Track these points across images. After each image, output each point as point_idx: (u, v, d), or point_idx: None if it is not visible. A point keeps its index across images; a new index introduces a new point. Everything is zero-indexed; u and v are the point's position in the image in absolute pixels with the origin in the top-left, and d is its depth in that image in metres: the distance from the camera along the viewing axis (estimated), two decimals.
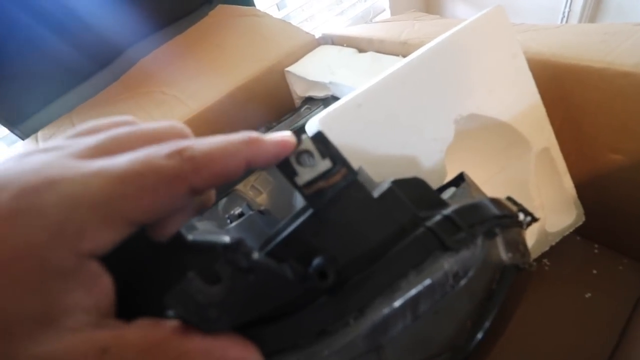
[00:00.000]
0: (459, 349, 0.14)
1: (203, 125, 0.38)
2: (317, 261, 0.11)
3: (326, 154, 0.12)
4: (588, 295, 0.29)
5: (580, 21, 0.88)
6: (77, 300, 0.09)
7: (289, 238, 0.12)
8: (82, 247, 0.09)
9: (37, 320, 0.08)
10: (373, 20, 1.13)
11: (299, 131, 0.13)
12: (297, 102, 0.45)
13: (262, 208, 0.31)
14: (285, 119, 0.39)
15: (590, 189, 0.28)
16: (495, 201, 0.15)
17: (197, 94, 0.40)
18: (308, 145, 0.12)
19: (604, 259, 0.31)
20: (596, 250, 0.32)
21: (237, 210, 0.28)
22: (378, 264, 0.12)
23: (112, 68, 0.53)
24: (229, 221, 0.26)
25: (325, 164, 0.12)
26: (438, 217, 0.13)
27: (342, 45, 0.42)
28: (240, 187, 0.34)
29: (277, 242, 0.12)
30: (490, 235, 0.13)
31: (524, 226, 0.16)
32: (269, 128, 0.38)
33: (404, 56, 0.34)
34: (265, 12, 0.51)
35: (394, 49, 0.36)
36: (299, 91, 0.44)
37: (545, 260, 0.32)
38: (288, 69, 0.42)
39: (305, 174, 0.12)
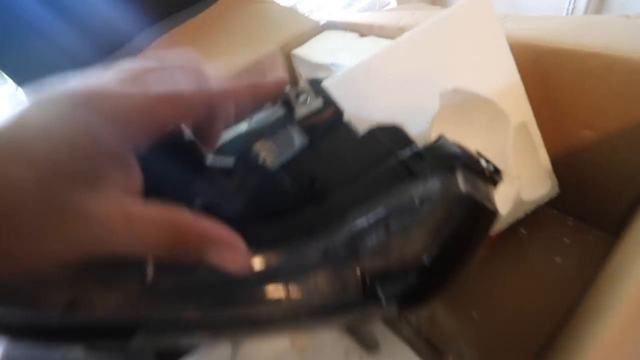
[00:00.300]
0: (418, 268, 0.17)
1: None
2: (307, 176, 0.15)
3: (319, 95, 0.15)
4: (558, 259, 0.32)
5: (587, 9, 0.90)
6: (116, 178, 0.12)
7: (288, 162, 0.15)
8: (128, 139, 0.12)
9: (87, 180, 0.11)
10: (383, 9, 1.15)
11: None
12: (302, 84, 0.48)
13: None
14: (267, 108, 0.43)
15: (565, 163, 0.31)
16: (461, 146, 0.18)
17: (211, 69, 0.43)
18: (305, 87, 0.15)
19: (576, 231, 0.34)
20: (570, 223, 0.35)
21: None
22: (357, 185, 0.16)
23: (119, 55, 0.56)
24: None
25: (317, 103, 0.15)
26: (408, 152, 0.16)
27: (345, 30, 0.45)
28: None
29: (278, 164, 0.15)
30: (451, 169, 0.17)
31: (486, 172, 0.19)
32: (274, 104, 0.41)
33: None
34: (272, 0, 0.54)
35: (392, 34, 0.39)
36: (304, 74, 0.47)
37: (522, 229, 0.35)
38: (293, 52, 0.45)
39: (301, 110, 0.15)
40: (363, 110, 0.27)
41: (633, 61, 0.24)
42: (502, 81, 0.28)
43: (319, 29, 0.47)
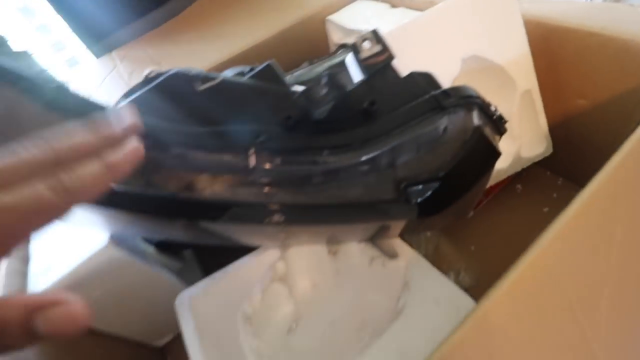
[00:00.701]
0: (436, 180, 0.23)
1: (255, 57, 0.47)
2: (369, 99, 0.20)
3: (379, 41, 0.21)
4: (546, 209, 0.38)
5: None
6: None
7: (350, 92, 0.21)
8: None
9: None
10: None
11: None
12: (332, 48, 0.53)
13: None
14: (323, 59, 0.48)
15: (559, 127, 0.37)
16: (478, 92, 0.24)
17: (252, 32, 0.48)
18: (368, 34, 0.21)
19: (563, 188, 0.40)
20: (559, 182, 0.41)
21: None
22: (399, 112, 0.21)
23: (169, 5, 0.60)
24: None
25: (377, 47, 0.21)
26: (439, 90, 0.22)
27: (377, 1, 0.49)
28: None
29: (345, 93, 0.21)
30: (469, 106, 0.22)
31: (494, 116, 0.25)
32: (311, 63, 0.46)
33: None
34: None
35: (422, 6, 0.43)
36: (336, 38, 0.51)
37: (518, 185, 0.41)
38: (329, 17, 0.49)
39: (365, 52, 0.21)
40: (400, 64, 0.32)
41: (623, 40, 0.29)
42: (515, 53, 0.34)
43: None
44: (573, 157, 0.38)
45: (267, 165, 0.21)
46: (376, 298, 0.29)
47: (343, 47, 0.50)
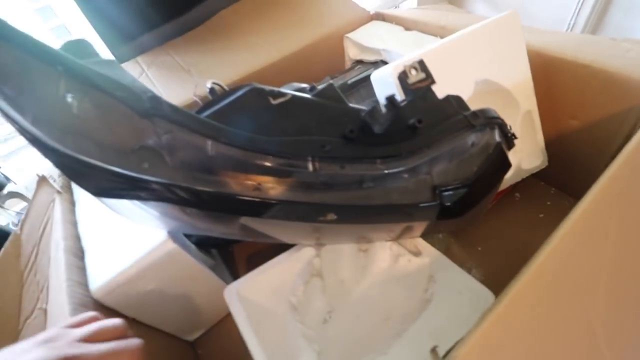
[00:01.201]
0: (464, 186, 0.27)
1: (283, 69, 0.50)
2: (416, 117, 0.24)
3: (423, 70, 0.25)
4: (541, 215, 0.43)
5: (582, 32, 1.01)
6: None
7: (399, 111, 0.25)
8: None
9: None
10: (399, 6, 1.23)
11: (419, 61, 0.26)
12: (348, 63, 0.57)
13: None
14: (342, 74, 0.52)
15: (553, 144, 0.42)
16: (498, 114, 0.28)
17: (277, 45, 0.51)
18: (415, 64, 0.25)
19: (556, 197, 0.45)
20: (552, 191, 0.46)
21: None
22: (437, 128, 0.25)
23: (193, 13, 0.63)
24: None
25: (422, 75, 0.25)
26: (469, 111, 0.26)
27: (392, 22, 0.54)
28: None
29: (394, 111, 0.25)
30: (492, 126, 0.27)
31: (509, 134, 0.29)
32: (332, 77, 0.50)
33: (442, 37, 0.47)
34: None
35: (434, 31, 0.49)
36: (352, 54, 0.56)
37: (516, 193, 0.46)
38: (348, 35, 0.54)
39: (412, 79, 0.25)
40: None
41: (609, 73, 0.34)
42: (518, 78, 0.39)
43: (367, 18, 0.56)
44: (565, 169, 0.44)
45: (329, 171, 0.24)
46: (403, 290, 0.33)
47: (359, 63, 0.55)
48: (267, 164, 0.24)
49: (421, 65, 0.25)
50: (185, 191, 0.24)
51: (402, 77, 0.25)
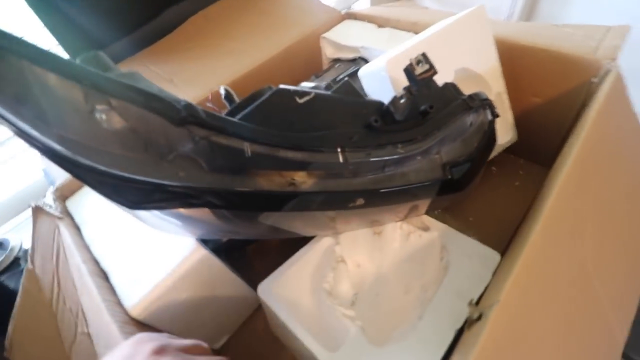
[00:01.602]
0: (467, 161, 0.31)
1: (267, 72, 0.51)
2: (427, 104, 0.27)
3: (427, 62, 0.28)
4: (517, 183, 0.49)
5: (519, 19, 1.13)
6: None
7: (415, 99, 0.28)
8: None
9: None
10: (352, 6, 1.27)
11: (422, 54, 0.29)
12: (325, 63, 0.60)
13: None
14: (326, 72, 0.54)
15: (520, 120, 0.48)
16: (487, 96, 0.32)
17: (258, 49, 0.52)
18: (420, 57, 0.27)
19: (526, 166, 0.52)
20: (522, 162, 0.52)
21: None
22: (443, 112, 0.29)
23: (160, 20, 0.61)
24: None
25: (426, 66, 0.28)
26: (466, 95, 0.30)
27: (364, 21, 0.57)
28: None
29: (411, 99, 0.28)
30: (484, 106, 0.31)
31: (495, 113, 0.33)
32: (317, 76, 0.52)
33: (415, 32, 0.51)
34: None
35: (407, 27, 0.52)
36: (329, 53, 0.58)
37: (493, 168, 0.52)
38: (324, 35, 0.56)
39: (418, 70, 0.28)
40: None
41: (563, 54, 0.40)
42: (489, 64, 0.44)
43: (340, 18, 0.59)
44: (531, 142, 0.50)
45: (357, 159, 0.26)
46: (417, 263, 0.36)
47: (338, 61, 0.57)
48: (301, 158, 0.25)
49: (425, 57, 0.28)
50: (224, 194, 0.25)
51: (409, 69, 0.28)
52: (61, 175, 0.38)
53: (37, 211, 0.34)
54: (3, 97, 0.21)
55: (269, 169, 0.25)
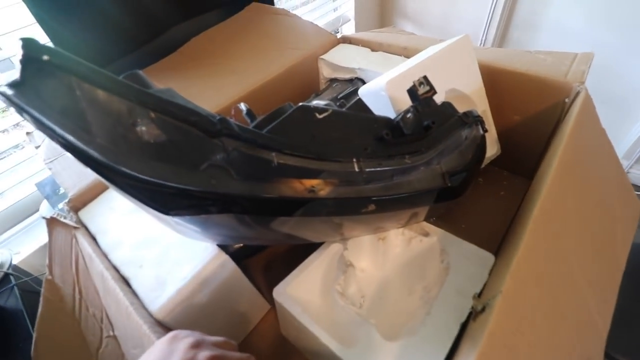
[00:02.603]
0: (463, 171, 0.35)
1: (270, 91, 0.54)
2: (429, 119, 0.31)
3: (428, 84, 0.32)
4: (502, 193, 0.54)
5: (492, 46, 1.23)
6: None
7: (420, 116, 0.31)
8: None
9: None
10: (340, 29, 1.35)
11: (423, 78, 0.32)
12: (322, 82, 0.64)
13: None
14: (325, 91, 0.57)
15: (503, 135, 0.53)
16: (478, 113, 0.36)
17: (260, 69, 0.55)
18: (422, 79, 0.31)
19: (509, 178, 0.56)
20: (505, 174, 0.57)
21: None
22: (441, 128, 0.32)
23: (163, 39, 0.63)
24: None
25: (427, 87, 0.32)
26: (461, 113, 0.34)
27: (358, 45, 0.62)
28: None
29: (418, 116, 0.31)
30: (477, 122, 0.35)
31: (485, 129, 0.38)
32: (317, 95, 0.55)
33: (406, 57, 0.56)
34: (294, 13, 0.68)
35: (398, 51, 0.57)
36: (326, 74, 0.62)
37: (480, 179, 0.56)
38: (322, 57, 0.60)
39: (420, 90, 0.31)
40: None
41: (539, 77, 0.46)
42: (474, 86, 0.49)
43: (335, 42, 0.63)
44: (513, 155, 0.55)
45: (370, 168, 0.29)
46: (419, 267, 0.39)
47: (335, 80, 0.61)
48: (320, 168, 0.28)
49: (426, 80, 0.32)
50: (251, 200, 0.27)
51: (413, 90, 0.31)
52: (72, 187, 0.39)
53: (53, 222, 0.34)
54: (51, 111, 0.23)
55: (292, 178, 0.28)
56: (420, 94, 0.31)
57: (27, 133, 0.49)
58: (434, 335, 0.29)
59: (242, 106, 0.34)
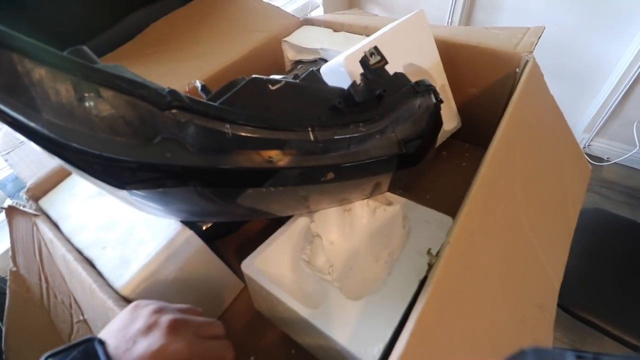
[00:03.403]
0: (416, 138, 0.36)
1: (232, 74, 0.54)
2: (380, 89, 0.32)
3: (379, 54, 0.33)
4: (464, 164, 0.56)
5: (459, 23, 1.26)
6: None
7: (370, 84, 0.32)
8: None
9: None
10: (309, 14, 1.34)
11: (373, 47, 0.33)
12: (287, 65, 0.64)
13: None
14: (289, 73, 0.58)
15: (462, 109, 0.55)
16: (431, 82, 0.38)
17: (223, 52, 0.55)
18: (373, 50, 0.32)
19: (470, 149, 0.59)
20: (467, 146, 0.60)
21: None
22: (394, 96, 0.34)
23: (119, 27, 0.61)
24: None
25: (378, 57, 0.33)
26: (412, 82, 0.35)
27: (321, 26, 0.62)
28: None
29: (367, 83, 0.32)
30: (429, 91, 0.36)
31: (439, 98, 0.39)
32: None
33: (367, 35, 0.57)
34: None
35: (359, 31, 0.58)
36: (290, 56, 0.62)
37: (443, 152, 0.58)
38: (285, 39, 0.60)
39: (371, 61, 0.32)
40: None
41: (492, 50, 0.48)
42: (432, 60, 0.50)
43: (298, 24, 0.63)
44: (473, 127, 0.57)
45: (325, 137, 0.30)
46: (384, 234, 0.41)
47: (299, 62, 0.62)
48: (276, 138, 0.29)
49: (377, 50, 0.33)
50: (208, 172, 0.28)
51: (364, 60, 0.32)
52: (31, 176, 0.38)
53: (12, 211, 0.34)
54: None
55: (249, 149, 0.28)
56: (372, 64, 0.33)
57: None
58: (395, 291, 0.31)
59: (197, 83, 0.35)
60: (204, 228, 0.41)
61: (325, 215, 0.40)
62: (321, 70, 0.47)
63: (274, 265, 0.35)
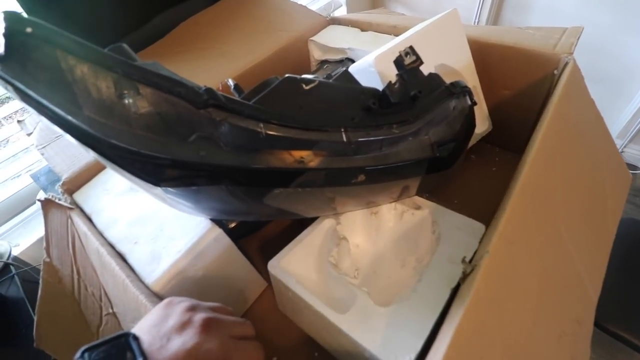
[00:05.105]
0: (451, 141, 0.35)
1: (259, 74, 0.54)
2: (416, 89, 0.31)
3: (414, 54, 0.32)
4: (494, 169, 0.54)
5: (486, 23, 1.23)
6: None
7: (406, 85, 0.31)
8: None
9: None
10: (331, 14, 1.34)
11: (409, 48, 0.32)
12: (313, 64, 0.63)
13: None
14: (315, 72, 0.57)
15: (493, 111, 0.53)
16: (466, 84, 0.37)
17: (250, 52, 0.55)
18: (408, 49, 0.31)
19: (501, 154, 0.57)
20: (497, 150, 0.58)
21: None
22: (429, 97, 0.32)
23: (151, 25, 0.63)
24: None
25: (413, 57, 0.32)
26: (448, 83, 0.34)
27: (348, 26, 0.62)
28: None
29: (403, 84, 0.31)
30: (464, 93, 0.35)
31: (473, 100, 0.38)
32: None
33: (395, 35, 0.56)
34: None
35: (387, 30, 0.57)
36: (317, 56, 0.62)
37: (472, 156, 0.56)
38: (312, 38, 0.60)
39: (406, 61, 0.31)
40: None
41: (527, 51, 0.46)
42: (464, 61, 0.49)
43: (325, 23, 0.63)
44: (504, 131, 0.55)
45: (358, 138, 0.29)
46: (411, 240, 0.40)
47: (325, 62, 0.61)
48: (308, 138, 0.28)
49: (412, 50, 0.32)
50: (240, 171, 0.27)
51: (399, 60, 0.32)
52: (66, 170, 0.39)
53: (48, 204, 0.35)
54: (37, 84, 0.23)
55: (281, 149, 0.28)
56: (407, 64, 0.32)
57: (19, 121, 0.49)
58: (426, 299, 0.30)
59: (230, 81, 0.35)
60: (231, 227, 0.41)
61: (351, 218, 0.40)
62: (350, 70, 0.47)
63: (299, 267, 0.35)
